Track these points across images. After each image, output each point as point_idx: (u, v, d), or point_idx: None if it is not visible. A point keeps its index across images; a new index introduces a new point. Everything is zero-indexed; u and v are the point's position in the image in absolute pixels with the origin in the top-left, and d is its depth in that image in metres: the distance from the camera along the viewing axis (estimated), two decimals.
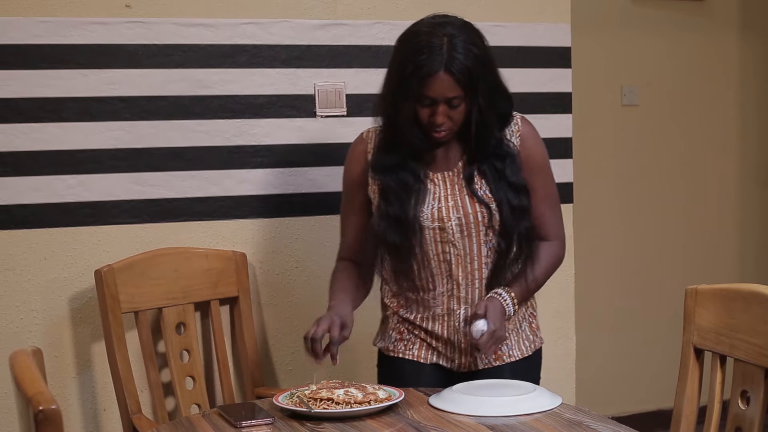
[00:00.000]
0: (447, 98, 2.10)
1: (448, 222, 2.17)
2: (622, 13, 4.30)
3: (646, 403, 4.34)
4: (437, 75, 2.07)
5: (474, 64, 2.09)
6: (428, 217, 2.17)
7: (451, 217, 2.17)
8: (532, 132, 2.27)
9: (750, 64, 4.56)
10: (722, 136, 4.54)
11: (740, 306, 1.91)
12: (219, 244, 2.77)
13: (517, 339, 2.29)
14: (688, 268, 4.46)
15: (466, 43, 2.09)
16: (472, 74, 2.08)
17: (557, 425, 1.84)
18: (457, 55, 2.07)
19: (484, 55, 2.12)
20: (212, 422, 1.94)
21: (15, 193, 2.59)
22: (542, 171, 2.27)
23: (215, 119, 2.74)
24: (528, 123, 2.28)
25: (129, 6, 2.65)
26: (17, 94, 2.57)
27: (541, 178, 2.26)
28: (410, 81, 2.09)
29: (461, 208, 2.18)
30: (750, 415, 1.86)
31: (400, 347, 2.30)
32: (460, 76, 2.07)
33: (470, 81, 2.09)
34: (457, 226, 2.17)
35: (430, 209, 2.18)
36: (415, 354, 2.28)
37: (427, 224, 2.17)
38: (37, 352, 1.73)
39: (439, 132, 2.14)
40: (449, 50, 2.07)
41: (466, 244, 2.19)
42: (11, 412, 2.55)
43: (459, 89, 2.09)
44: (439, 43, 2.07)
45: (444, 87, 2.08)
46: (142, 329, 2.59)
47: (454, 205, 2.18)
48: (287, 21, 2.79)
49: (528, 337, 2.32)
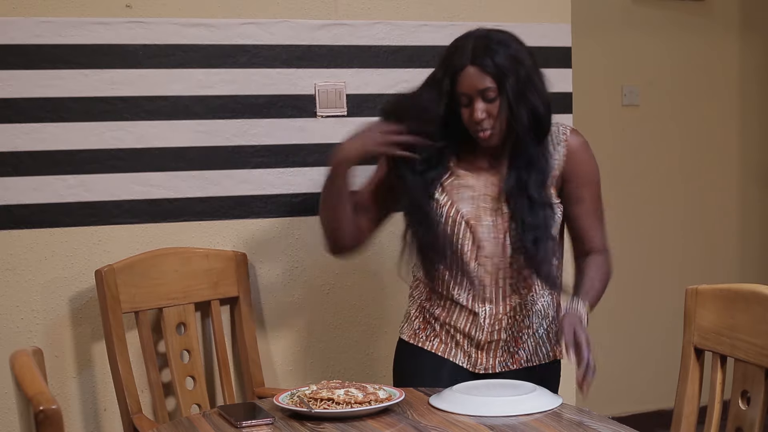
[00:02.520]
0: (479, 90, 2.12)
1: (481, 221, 2.20)
2: (622, 14, 4.30)
3: (646, 403, 4.34)
4: (466, 70, 2.13)
5: (502, 58, 2.12)
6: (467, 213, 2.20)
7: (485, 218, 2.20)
8: (582, 144, 2.29)
9: (750, 64, 4.56)
10: (723, 136, 4.54)
11: (741, 306, 1.92)
12: (219, 244, 2.77)
13: (536, 344, 2.30)
14: (688, 268, 4.46)
15: (494, 40, 2.15)
16: (499, 65, 2.12)
17: (558, 425, 1.84)
18: (484, 50, 2.12)
19: (516, 52, 2.15)
20: (213, 422, 1.94)
21: (15, 192, 2.59)
22: (591, 184, 2.30)
23: (216, 119, 2.74)
24: (578, 135, 2.29)
25: (130, 6, 2.65)
26: (18, 94, 2.57)
27: (589, 190, 2.29)
28: (442, 83, 2.15)
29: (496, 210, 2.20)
30: (750, 415, 1.86)
31: (422, 336, 2.31)
32: (487, 68, 2.11)
33: (499, 72, 2.12)
34: (487, 229, 2.19)
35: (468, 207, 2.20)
36: (435, 346, 2.29)
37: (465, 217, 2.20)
38: (37, 352, 1.73)
39: (485, 131, 2.15)
40: (475, 47, 2.13)
41: (492, 245, 2.20)
42: (11, 412, 2.55)
43: (490, 80, 2.12)
44: (465, 43, 2.15)
45: (474, 79, 2.12)
46: (142, 329, 2.59)
47: (491, 208, 2.20)
48: (287, 21, 2.79)
49: (546, 344, 2.33)
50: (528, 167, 2.19)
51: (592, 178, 2.30)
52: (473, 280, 2.22)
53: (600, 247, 2.31)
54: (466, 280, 2.23)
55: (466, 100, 2.15)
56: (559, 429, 1.82)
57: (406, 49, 2.90)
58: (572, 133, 2.28)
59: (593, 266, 2.27)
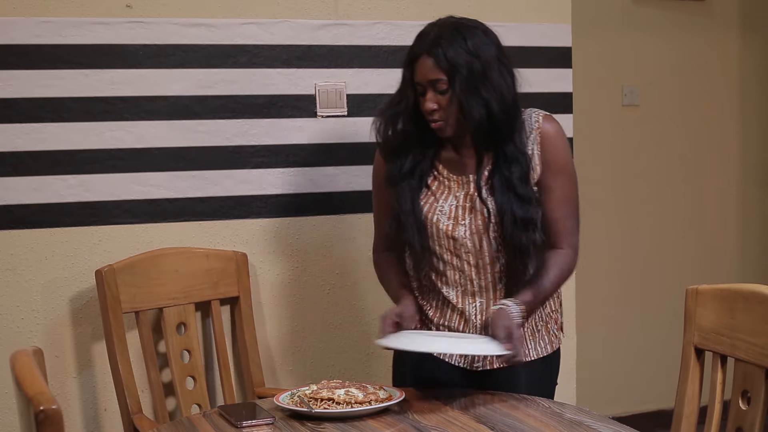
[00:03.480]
0: (430, 81, 2.10)
1: (462, 221, 2.18)
2: (622, 13, 4.30)
3: (646, 403, 4.34)
4: (421, 58, 2.12)
5: (458, 50, 2.09)
6: (445, 213, 2.18)
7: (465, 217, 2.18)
8: (555, 131, 2.21)
9: (751, 64, 4.56)
10: (723, 136, 4.54)
11: (741, 306, 1.92)
12: (220, 244, 2.77)
13: (534, 340, 2.27)
14: (688, 268, 4.46)
15: (456, 31, 2.11)
16: (450, 58, 2.08)
17: (558, 425, 1.84)
18: (441, 40, 2.09)
19: (476, 45, 2.10)
20: (213, 422, 1.94)
21: (16, 193, 2.59)
22: (563, 173, 2.21)
23: (216, 119, 2.74)
24: (551, 121, 2.22)
25: (130, 6, 2.65)
26: (18, 94, 2.57)
27: (560, 180, 2.20)
28: (405, 70, 2.16)
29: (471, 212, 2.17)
30: (751, 415, 1.86)
31: None
32: (439, 59, 2.08)
33: (450, 65, 2.08)
34: (467, 229, 2.17)
35: (448, 207, 2.19)
36: None
37: (443, 221, 2.18)
38: (37, 352, 1.73)
39: (436, 122, 2.13)
40: (435, 36, 2.11)
41: (476, 243, 2.18)
42: (12, 412, 2.55)
43: (441, 72, 2.09)
44: (428, 31, 2.14)
45: (426, 69, 2.10)
46: (142, 329, 2.60)
47: (470, 206, 2.18)
48: (288, 21, 2.79)
49: (543, 337, 2.30)
50: (510, 163, 2.15)
51: (562, 167, 2.20)
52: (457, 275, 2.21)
53: (564, 243, 2.22)
54: (453, 276, 2.22)
55: (421, 89, 2.13)
56: (559, 429, 1.82)
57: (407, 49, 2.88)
58: (545, 120, 2.20)
59: (549, 266, 2.18)
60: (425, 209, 2.20)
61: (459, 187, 2.21)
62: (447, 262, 2.21)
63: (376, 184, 2.34)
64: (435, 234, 2.19)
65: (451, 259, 2.20)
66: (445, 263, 2.21)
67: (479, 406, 1.98)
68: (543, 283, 2.16)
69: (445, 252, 2.20)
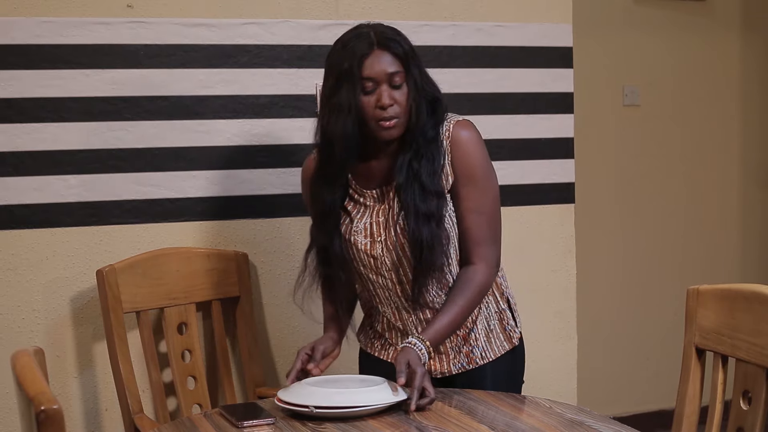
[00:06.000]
0: (388, 74, 2.04)
1: (378, 238, 2.13)
2: (623, 13, 4.30)
3: (647, 403, 4.34)
4: (373, 52, 2.04)
5: (404, 43, 2.08)
6: (361, 232, 2.15)
7: (381, 233, 2.14)
8: (467, 137, 2.11)
9: (752, 65, 4.56)
10: (724, 136, 4.54)
11: (742, 306, 1.91)
12: (220, 244, 2.77)
13: (488, 339, 2.23)
14: (689, 269, 4.46)
15: (394, 29, 2.11)
16: (406, 50, 2.07)
17: (559, 425, 1.84)
18: (387, 34, 2.07)
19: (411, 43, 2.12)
20: (214, 422, 1.94)
21: (16, 192, 2.59)
22: (471, 181, 2.11)
23: (217, 119, 2.74)
24: (463, 127, 2.13)
25: (131, 6, 2.65)
26: (19, 94, 2.57)
27: (468, 188, 2.11)
28: (349, 74, 2.03)
29: (386, 227, 2.13)
30: (752, 415, 1.86)
31: (377, 346, 2.31)
32: (396, 51, 2.06)
33: (406, 56, 2.07)
34: (385, 241, 2.13)
35: (363, 226, 2.15)
36: (391, 356, 2.27)
37: (360, 240, 2.14)
38: (38, 352, 1.73)
39: (390, 120, 2.04)
40: (378, 33, 2.07)
41: (394, 259, 2.13)
42: (13, 412, 2.55)
43: (398, 64, 2.06)
44: (364, 32, 2.08)
45: (383, 62, 2.04)
46: (143, 329, 2.60)
47: (384, 221, 2.13)
48: (289, 21, 2.79)
49: (499, 336, 2.25)
50: (418, 156, 2.07)
51: (472, 175, 2.11)
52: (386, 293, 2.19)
53: (475, 257, 2.12)
54: (383, 295, 2.20)
55: (372, 86, 2.03)
56: (560, 429, 1.82)
57: None
58: (456, 126, 2.11)
59: (459, 289, 2.11)
60: (343, 231, 2.15)
61: (374, 202, 2.16)
62: (374, 281, 2.19)
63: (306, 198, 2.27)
64: (356, 255, 2.16)
65: (376, 279, 2.18)
66: (372, 283, 2.20)
67: (480, 406, 1.98)
68: (450, 311, 2.09)
69: (370, 272, 2.17)
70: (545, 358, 3.06)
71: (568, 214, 3.12)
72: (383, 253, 2.13)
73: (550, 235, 3.09)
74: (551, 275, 3.10)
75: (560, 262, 3.11)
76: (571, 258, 3.12)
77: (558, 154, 3.09)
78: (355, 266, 2.19)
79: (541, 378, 2.97)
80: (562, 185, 3.10)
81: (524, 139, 3.05)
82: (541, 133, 3.07)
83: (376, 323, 2.30)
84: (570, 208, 3.12)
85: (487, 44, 2.98)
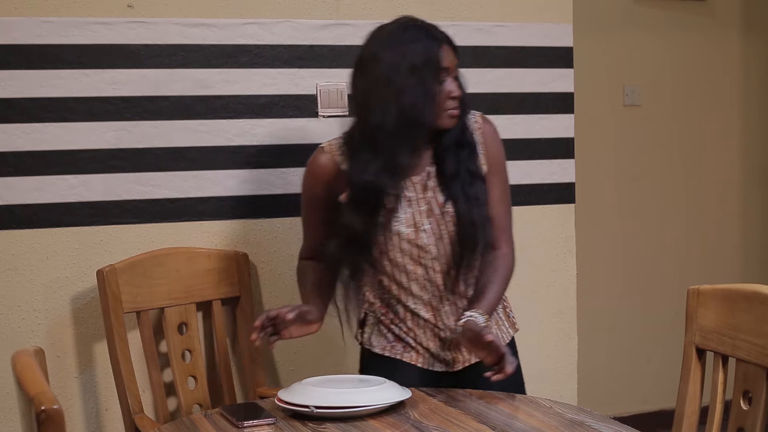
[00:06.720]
0: (455, 67, 2.16)
1: (422, 227, 2.17)
2: (624, 13, 4.30)
3: (648, 403, 4.35)
4: (443, 46, 2.14)
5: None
6: (403, 222, 2.17)
7: (424, 222, 2.17)
8: (494, 130, 2.27)
9: (752, 64, 4.56)
10: (724, 136, 4.54)
11: (742, 306, 1.92)
12: (221, 244, 2.77)
13: (498, 327, 2.29)
14: (689, 268, 4.46)
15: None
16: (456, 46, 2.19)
17: (559, 425, 1.84)
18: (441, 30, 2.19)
19: None
20: (214, 422, 1.94)
21: (17, 193, 2.59)
22: (500, 172, 2.27)
23: (217, 119, 2.74)
24: (489, 121, 2.28)
25: (131, 6, 2.65)
26: (19, 94, 2.57)
27: (498, 178, 2.26)
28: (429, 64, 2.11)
29: (432, 209, 2.18)
30: (752, 415, 1.86)
31: (398, 348, 2.29)
32: (454, 45, 2.18)
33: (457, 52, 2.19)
34: (431, 230, 2.17)
35: (405, 216, 2.17)
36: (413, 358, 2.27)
37: (403, 230, 2.17)
38: (39, 352, 1.73)
39: (456, 109, 2.16)
40: (434, 29, 2.18)
41: (440, 246, 2.18)
42: (13, 412, 2.56)
43: (456, 59, 2.17)
44: (425, 25, 2.19)
45: (450, 55, 2.15)
46: (144, 329, 2.60)
47: (428, 209, 2.18)
48: (289, 21, 2.79)
49: (505, 323, 2.33)
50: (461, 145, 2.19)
51: (501, 165, 2.27)
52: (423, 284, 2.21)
53: (502, 242, 2.26)
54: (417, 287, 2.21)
55: (444, 77, 2.14)
56: (560, 429, 1.82)
57: None
58: (483, 120, 2.27)
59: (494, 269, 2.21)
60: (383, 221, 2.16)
61: (414, 192, 2.19)
62: (409, 273, 2.20)
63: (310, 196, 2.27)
64: (398, 245, 2.18)
65: (414, 269, 2.20)
66: (408, 274, 2.21)
67: (480, 406, 1.98)
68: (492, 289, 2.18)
69: (409, 263, 2.19)
70: (545, 358, 3.07)
71: (568, 214, 3.12)
72: (428, 241, 2.18)
73: (550, 235, 3.09)
74: (551, 275, 3.10)
75: (560, 262, 3.11)
76: (571, 258, 3.12)
77: (558, 154, 3.09)
78: (392, 258, 2.19)
79: (541, 378, 2.98)
80: (562, 185, 3.10)
81: (524, 139, 3.05)
82: (541, 133, 3.07)
83: (395, 325, 2.28)
84: (570, 208, 3.12)
85: (488, 44, 2.98)
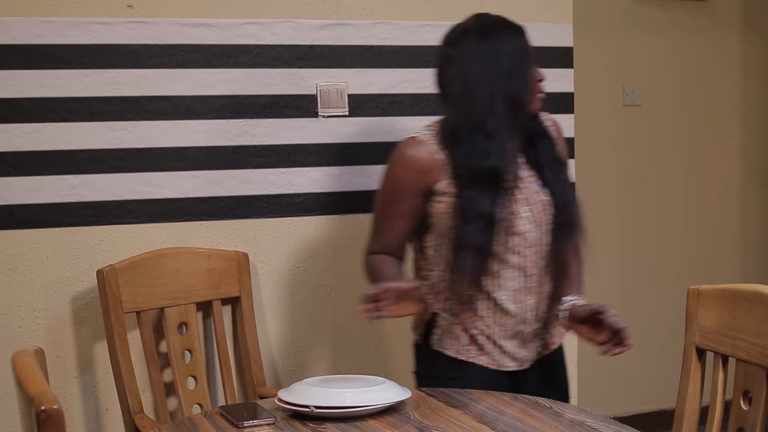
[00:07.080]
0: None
1: (519, 214, 2.19)
2: (624, 13, 4.30)
3: (648, 403, 4.35)
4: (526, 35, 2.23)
5: None
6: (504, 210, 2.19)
7: (520, 210, 2.19)
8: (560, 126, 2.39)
9: (752, 64, 4.56)
10: (725, 136, 4.54)
11: (742, 306, 1.92)
12: (221, 244, 2.77)
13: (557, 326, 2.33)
14: (690, 269, 4.46)
15: None
16: None
17: (559, 425, 1.84)
18: None
19: None
20: (214, 422, 1.94)
21: (17, 193, 2.59)
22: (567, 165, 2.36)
23: (217, 119, 2.74)
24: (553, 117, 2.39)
25: (131, 6, 2.65)
26: (19, 94, 2.57)
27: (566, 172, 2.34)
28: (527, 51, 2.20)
29: (528, 197, 2.21)
30: (752, 415, 1.86)
31: (472, 351, 2.24)
32: None
33: None
34: (529, 217, 2.19)
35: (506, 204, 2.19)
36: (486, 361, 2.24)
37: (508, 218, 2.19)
38: (39, 352, 1.73)
39: (543, 91, 2.25)
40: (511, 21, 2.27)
41: (534, 235, 2.20)
42: (13, 412, 2.56)
43: None
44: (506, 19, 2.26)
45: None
46: (144, 329, 2.60)
47: (524, 198, 2.20)
48: (289, 21, 2.79)
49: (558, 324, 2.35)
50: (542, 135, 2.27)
51: (566, 158, 2.37)
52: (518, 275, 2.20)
53: None
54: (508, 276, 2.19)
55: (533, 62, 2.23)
56: (560, 429, 1.82)
57: (408, 49, 2.90)
58: (550, 116, 2.37)
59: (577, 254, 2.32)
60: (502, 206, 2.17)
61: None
62: (504, 261, 2.18)
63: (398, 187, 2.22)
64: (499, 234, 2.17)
65: (509, 258, 2.18)
66: (501, 262, 2.18)
67: (480, 406, 1.98)
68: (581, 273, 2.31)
69: (504, 251, 2.17)
70: None
71: None
72: (527, 228, 2.19)
73: None
74: None
75: None
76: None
77: None
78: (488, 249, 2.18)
79: None
80: None
81: None
82: None
83: (473, 326, 2.22)
84: None
85: None
